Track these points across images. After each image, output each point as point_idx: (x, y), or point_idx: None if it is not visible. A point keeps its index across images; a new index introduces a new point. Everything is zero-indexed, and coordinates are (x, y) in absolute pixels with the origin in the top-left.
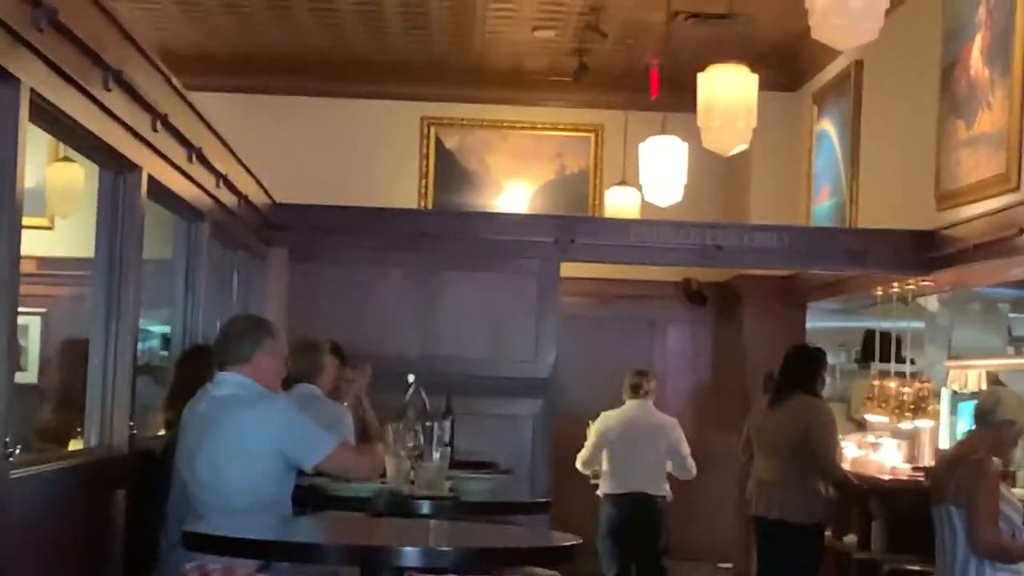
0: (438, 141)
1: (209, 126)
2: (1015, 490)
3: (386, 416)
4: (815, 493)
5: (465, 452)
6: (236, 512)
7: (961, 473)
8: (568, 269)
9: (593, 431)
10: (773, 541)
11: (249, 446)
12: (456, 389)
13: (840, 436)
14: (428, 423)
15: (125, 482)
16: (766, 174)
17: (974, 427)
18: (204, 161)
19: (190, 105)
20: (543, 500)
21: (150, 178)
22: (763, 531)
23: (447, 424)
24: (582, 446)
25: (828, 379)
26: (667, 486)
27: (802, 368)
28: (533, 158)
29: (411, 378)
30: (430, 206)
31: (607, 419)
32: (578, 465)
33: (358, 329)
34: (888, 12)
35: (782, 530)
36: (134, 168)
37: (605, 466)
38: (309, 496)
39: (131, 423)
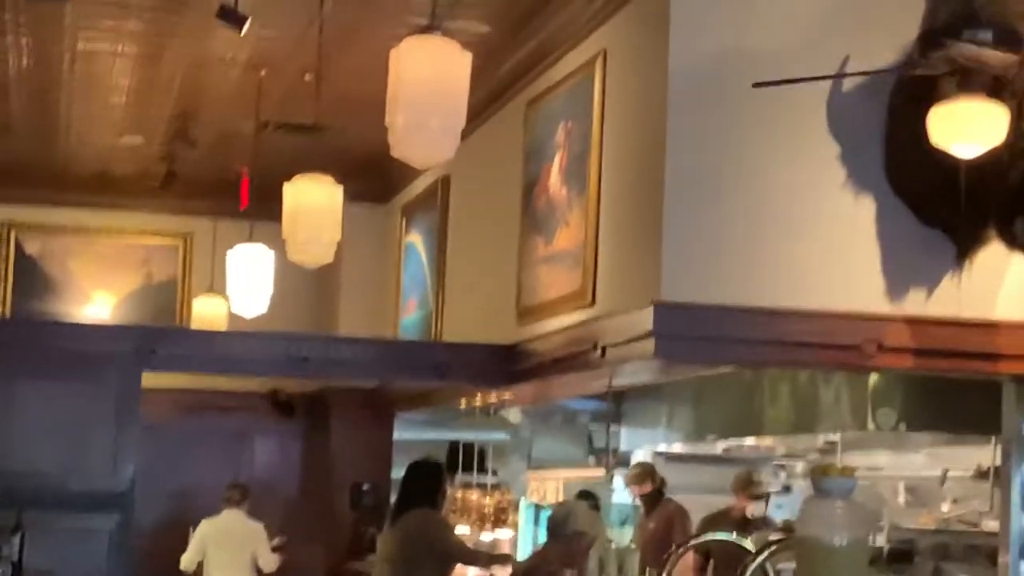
0: (18, 246)
1: None
2: None
3: None
4: None
5: (35, 571)
6: None
7: None
8: (155, 380)
9: (195, 535)
10: None
11: None
12: (29, 504)
13: None
14: None
15: None
16: (355, 285)
17: (547, 539)
18: None
19: None
20: None
21: None
22: None
23: (15, 540)
24: (178, 552)
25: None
26: None
27: (422, 483)
28: (119, 266)
29: None
30: (9, 313)
31: (207, 525)
32: (182, 566)
33: None
34: (472, 130)
35: None
36: None
37: (206, 566)
38: None
39: None
